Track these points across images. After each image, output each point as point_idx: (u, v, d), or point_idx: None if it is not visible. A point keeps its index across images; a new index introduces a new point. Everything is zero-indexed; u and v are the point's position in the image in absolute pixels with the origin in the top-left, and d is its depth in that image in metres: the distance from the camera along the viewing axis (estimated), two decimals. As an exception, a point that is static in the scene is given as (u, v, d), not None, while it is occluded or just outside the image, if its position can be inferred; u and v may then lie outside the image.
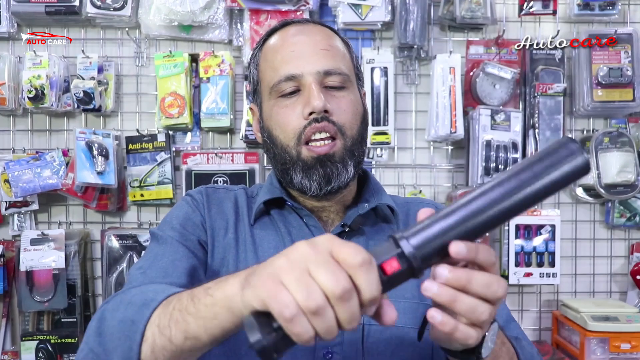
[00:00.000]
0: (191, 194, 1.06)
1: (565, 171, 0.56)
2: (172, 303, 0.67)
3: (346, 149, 0.94)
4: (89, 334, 0.74)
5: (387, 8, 1.74)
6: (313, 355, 0.91)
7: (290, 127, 0.96)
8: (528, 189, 0.56)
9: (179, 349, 0.64)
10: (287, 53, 0.99)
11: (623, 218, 1.82)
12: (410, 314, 0.95)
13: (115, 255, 1.72)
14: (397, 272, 0.56)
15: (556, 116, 1.78)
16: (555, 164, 0.56)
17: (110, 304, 0.75)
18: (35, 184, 1.67)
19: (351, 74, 1.02)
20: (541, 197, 0.57)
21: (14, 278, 1.70)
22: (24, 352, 1.65)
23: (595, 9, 1.77)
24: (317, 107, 0.93)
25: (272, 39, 1.04)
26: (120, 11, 1.70)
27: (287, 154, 0.96)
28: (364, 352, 0.91)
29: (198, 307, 0.63)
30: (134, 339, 0.67)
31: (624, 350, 1.59)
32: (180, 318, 0.64)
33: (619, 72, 1.73)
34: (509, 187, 0.56)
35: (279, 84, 0.97)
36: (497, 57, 1.80)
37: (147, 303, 0.70)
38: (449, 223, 0.57)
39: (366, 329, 0.92)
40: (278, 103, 0.98)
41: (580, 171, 0.56)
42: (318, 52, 0.98)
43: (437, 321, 0.57)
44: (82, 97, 1.68)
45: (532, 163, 0.57)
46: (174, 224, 0.98)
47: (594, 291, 1.87)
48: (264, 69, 1.03)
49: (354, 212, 0.96)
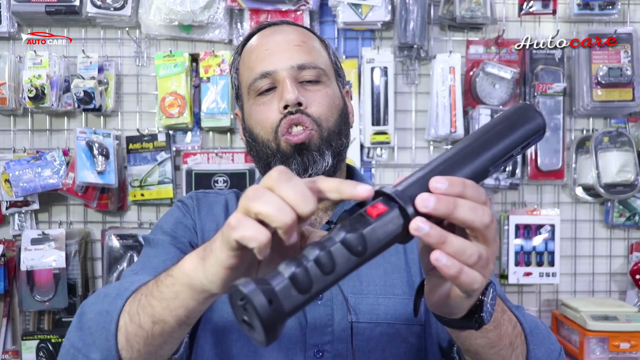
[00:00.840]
0: (182, 200, 1.09)
1: (527, 129, 0.60)
2: (141, 290, 0.68)
3: (322, 139, 0.95)
4: (70, 329, 0.74)
5: (387, 8, 1.74)
6: (304, 355, 0.92)
7: (268, 123, 0.98)
8: (496, 144, 0.59)
9: (149, 334, 0.65)
10: (261, 52, 1.01)
11: (622, 217, 1.83)
12: (400, 310, 0.96)
13: (116, 255, 1.73)
14: (385, 214, 0.53)
15: (556, 116, 1.78)
16: (518, 123, 0.60)
17: (89, 299, 0.76)
18: (36, 183, 1.68)
19: (328, 69, 1.03)
20: (508, 151, 0.59)
21: (15, 277, 1.70)
22: (24, 351, 1.65)
23: (595, 9, 1.77)
24: (289, 99, 0.95)
25: (249, 42, 1.06)
26: (120, 11, 1.70)
27: (267, 148, 0.98)
28: (354, 350, 0.92)
29: (160, 289, 0.63)
30: (110, 330, 0.67)
31: (623, 350, 1.59)
32: (146, 303, 0.64)
33: (618, 72, 1.73)
34: (481, 141, 0.59)
35: (254, 82, 1.00)
36: (496, 56, 1.80)
37: (121, 293, 0.70)
38: (427, 171, 0.56)
39: (354, 326, 0.93)
40: (256, 101, 1.01)
41: (540, 130, 0.61)
42: (291, 48, 1.00)
43: (442, 263, 0.52)
44: (82, 97, 1.68)
45: (497, 123, 0.60)
46: (165, 228, 1.00)
47: (594, 291, 1.87)
48: (242, 71, 1.06)
49: (340, 208, 0.97)
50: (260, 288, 0.48)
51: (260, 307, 0.48)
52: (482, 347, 0.68)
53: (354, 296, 0.96)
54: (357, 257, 0.53)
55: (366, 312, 0.95)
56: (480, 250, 0.54)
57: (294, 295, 0.50)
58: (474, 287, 0.54)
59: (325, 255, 0.51)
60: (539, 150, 1.77)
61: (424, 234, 0.51)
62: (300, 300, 0.50)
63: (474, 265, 0.53)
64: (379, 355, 0.93)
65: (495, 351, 0.69)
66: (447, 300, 0.60)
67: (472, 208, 0.53)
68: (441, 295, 0.60)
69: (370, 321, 0.94)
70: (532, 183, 1.84)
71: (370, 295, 0.97)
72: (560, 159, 1.79)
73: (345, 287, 0.96)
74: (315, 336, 0.93)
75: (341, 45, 1.83)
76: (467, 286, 0.54)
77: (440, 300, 0.61)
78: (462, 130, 1.75)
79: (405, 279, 0.99)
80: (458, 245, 0.53)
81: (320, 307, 0.95)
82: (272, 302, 0.48)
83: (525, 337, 0.76)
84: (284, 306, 0.49)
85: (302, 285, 0.50)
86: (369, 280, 0.99)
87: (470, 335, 0.66)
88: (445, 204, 0.52)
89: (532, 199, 1.85)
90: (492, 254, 0.56)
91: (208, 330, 0.95)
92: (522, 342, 0.75)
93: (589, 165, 1.78)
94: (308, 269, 0.50)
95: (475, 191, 0.54)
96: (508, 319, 0.72)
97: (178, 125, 1.75)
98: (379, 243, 0.54)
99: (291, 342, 0.92)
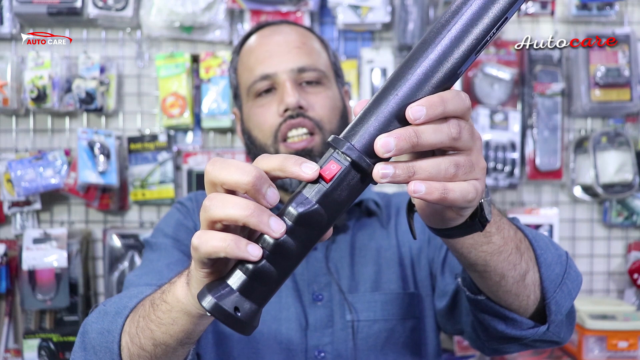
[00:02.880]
0: (181, 202, 1.08)
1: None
2: (139, 311, 0.66)
3: (324, 142, 0.94)
4: (75, 349, 0.73)
5: (386, 9, 1.75)
6: (305, 356, 0.92)
7: (266, 126, 0.98)
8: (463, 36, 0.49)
9: (153, 355, 0.64)
10: (261, 53, 1.00)
11: (621, 217, 1.84)
12: (396, 305, 0.96)
13: (117, 254, 1.74)
14: (340, 174, 0.47)
15: (554, 116, 1.79)
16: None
17: (90, 316, 0.75)
18: (38, 183, 1.68)
19: (328, 70, 1.03)
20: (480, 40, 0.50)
21: (17, 277, 1.71)
22: (26, 350, 1.66)
23: (593, 10, 1.78)
24: (290, 103, 0.94)
25: (248, 41, 1.06)
26: (121, 12, 1.71)
27: (265, 152, 0.96)
28: (356, 349, 0.93)
29: (157, 314, 0.61)
30: (113, 350, 0.67)
31: (621, 349, 1.60)
32: (145, 326, 0.63)
33: (616, 73, 1.74)
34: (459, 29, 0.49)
35: (254, 84, 0.99)
36: (495, 57, 1.81)
37: (120, 311, 0.69)
38: (381, 106, 0.47)
39: (355, 325, 0.94)
40: (255, 103, 1.00)
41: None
42: (291, 50, 0.99)
43: (422, 193, 0.47)
44: (84, 97, 1.69)
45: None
46: (166, 231, 1.00)
47: (592, 289, 1.88)
48: (241, 71, 1.05)
49: None
50: (222, 300, 0.47)
51: (227, 319, 0.47)
52: (489, 255, 0.63)
53: (351, 294, 0.97)
54: (318, 230, 0.49)
55: (364, 309, 0.95)
56: (456, 160, 0.49)
57: (259, 289, 0.48)
58: (468, 198, 0.50)
59: (282, 243, 0.47)
60: (537, 150, 1.78)
61: (391, 179, 0.47)
62: (267, 291, 0.49)
63: (456, 177, 0.49)
64: (379, 352, 0.94)
65: (504, 257, 0.65)
66: (443, 213, 0.56)
67: (436, 129, 0.48)
68: (436, 208, 0.56)
69: (368, 319, 0.95)
70: (530, 183, 1.85)
71: (367, 293, 0.97)
72: (558, 159, 1.80)
73: (341, 285, 0.97)
74: (315, 338, 0.94)
75: (341, 46, 1.84)
76: (461, 201, 0.50)
77: (436, 214, 0.57)
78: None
79: (399, 274, 1.00)
80: (430, 167, 0.48)
81: (320, 308, 0.95)
82: (237, 309, 0.47)
83: (530, 242, 0.71)
84: (252, 304, 0.48)
85: (265, 279, 0.48)
86: (365, 277, 0.99)
87: (476, 244, 0.62)
88: (406, 138, 0.47)
89: (531, 198, 1.87)
90: (475, 155, 0.51)
91: (209, 332, 0.95)
92: (528, 247, 0.70)
93: (587, 165, 1.79)
94: (264, 264, 0.47)
95: (453, 104, 0.48)
96: (508, 223, 0.67)
97: (179, 126, 1.76)
98: (340, 207, 0.48)
99: (292, 344, 0.93)
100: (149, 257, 0.96)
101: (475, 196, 0.50)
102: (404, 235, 1.03)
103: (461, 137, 0.49)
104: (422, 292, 1.00)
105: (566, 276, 0.73)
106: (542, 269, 0.71)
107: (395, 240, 1.03)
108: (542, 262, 0.71)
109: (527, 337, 0.74)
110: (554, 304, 0.72)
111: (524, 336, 0.73)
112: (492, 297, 0.71)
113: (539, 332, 0.73)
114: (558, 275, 0.72)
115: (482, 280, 0.68)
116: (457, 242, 0.61)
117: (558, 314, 0.73)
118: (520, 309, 0.71)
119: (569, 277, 0.74)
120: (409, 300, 0.98)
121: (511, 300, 0.70)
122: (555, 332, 0.76)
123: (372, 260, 1.00)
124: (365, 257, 1.00)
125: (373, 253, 1.01)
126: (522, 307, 0.71)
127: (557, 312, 0.73)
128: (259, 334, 0.93)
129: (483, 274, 0.66)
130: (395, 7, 1.76)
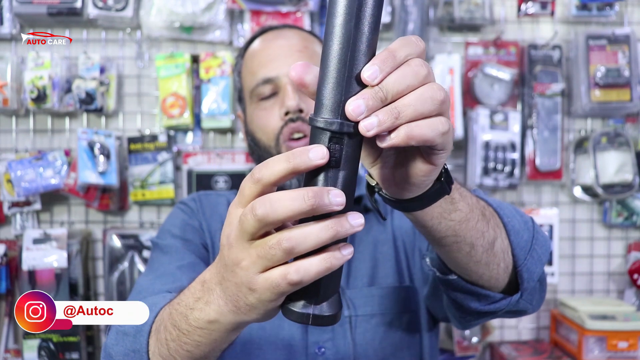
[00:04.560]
0: (185, 202, 1.09)
1: None
2: (163, 334, 0.65)
3: None
4: None
5: (386, 9, 1.75)
6: (305, 353, 0.93)
7: (269, 129, 0.99)
8: None
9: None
10: (264, 57, 1.02)
11: (621, 217, 1.84)
12: (392, 299, 0.97)
13: (117, 255, 1.74)
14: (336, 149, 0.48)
15: (554, 116, 1.79)
16: None
17: (109, 339, 0.75)
18: (38, 183, 1.69)
19: None
20: None
21: (17, 277, 1.71)
22: (26, 350, 1.66)
23: (593, 10, 1.78)
24: (290, 106, 0.96)
25: (252, 45, 1.07)
26: (121, 12, 1.71)
27: (269, 155, 0.98)
28: (355, 343, 0.93)
29: (192, 337, 0.60)
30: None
31: (621, 349, 1.60)
32: (179, 348, 0.62)
33: (616, 73, 1.74)
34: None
35: (257, 88, 1.01)
36: (495, 57, 1.82)
37: (140, 329, 0.69)
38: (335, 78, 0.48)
39: (353, 320, 0.95)
40: (258, 106, 1.02)
41: None
42: (294, 54, 1.00)
43: (375, 125, 0.46)
44: (84, 98, 1.69)
45: None
46: (174, 231, 1.00)
47: (592, 290, 1.88)
48: (244, 75, 1.07)
49: None
50: (317, 311, 0.52)
51: (324, 322, 0.53)
52: (458, 224, 0.63)
53: (349, 290, 0.98)
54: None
55: (361, 304, 0.97)
56: (429, 88, 0.48)
57: (329, 281, 0.52)
58: (440, 129, 0.49)
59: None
60: (537, 151, 1.78)
61: (378, 127, 0.46)
62: (336, 282, 0.54)
63: (433, 113, 0.49)
64: (377, 346, 0.95)
65: (472, 225, 0.64)
66: (409, 177, 0.55)
67: (402, 75, 0.47)
68: (403, 174, 0.56)
69: (366, 313, 0.96)
70: (530, 183, 1.85)
71: (364, 287, 0.98)
72: (558, 159, 1.80)
73: None
74: (316, 334, 0.95)
75: (341, 46, 1.84)
76: (434, 135, 0.49)
77: (403, 180, 0.56)
78: (461, 131, 1.76)
79: (395, 268, 1.01)
80: (413, 101, 0.47)
81: None
82: (329, 308, 0.53)
83: (494, 210, 0.71)
84: (333, 296, 0.53)
85: (332, 277, 0.52)
86: (362, 272, 1.00)
87: (444, 212, 0.61)
88: (373, 97, 0.46)
89: (531, 199, 1.87)
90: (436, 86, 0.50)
91: None
92: (493, 214, 0.70)
93: (587, 165, 1.79)
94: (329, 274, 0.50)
95: (404, 51, 0.48)
96: (467, 191, 0.66)
97: (179, 126, 1.76)
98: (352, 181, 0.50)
99: (293, 340, 0.94)
100: (159, 259, 0.96)
101: (447, 128, 0.50)
102: (399, 229, 1.04)
103: (420, 72, 0.48)
104: (417, 284, 1.01)
105: (534, 242, 0.73)
106: (511, 236, 0.70)
107: (392, 235, 1.04)
108: (510, 229, 0.71)
109: (502, 309, 0.74)
110: (526, 271, 0.72)
111: (498, 309, 0.74)
112: (462, 273, 0.70)
113: (512, 302, 0.73)
114: (527, 241, 0.72)
115: (452, 254, 0.67)
116: (425, 214, 0.60)
117: (530, 281, 0.73)
118: (491, 279, 0.70)
119: (537, 242, 0.74)
120: (405, 294, 1.00)
121: (482, 271, 0.69)
122: (528, 299, 0.76)
123: (369, 255, 1.02)
124: (362, 252, 1.01)
125: (370, 248, 1.02)
126: (493, 277, 0.70)
127: (529, 279, 0.73)
128: (260, 330, 0.94)
129: (453, 245, 0.65)
130: (395, 7, 1.76)
